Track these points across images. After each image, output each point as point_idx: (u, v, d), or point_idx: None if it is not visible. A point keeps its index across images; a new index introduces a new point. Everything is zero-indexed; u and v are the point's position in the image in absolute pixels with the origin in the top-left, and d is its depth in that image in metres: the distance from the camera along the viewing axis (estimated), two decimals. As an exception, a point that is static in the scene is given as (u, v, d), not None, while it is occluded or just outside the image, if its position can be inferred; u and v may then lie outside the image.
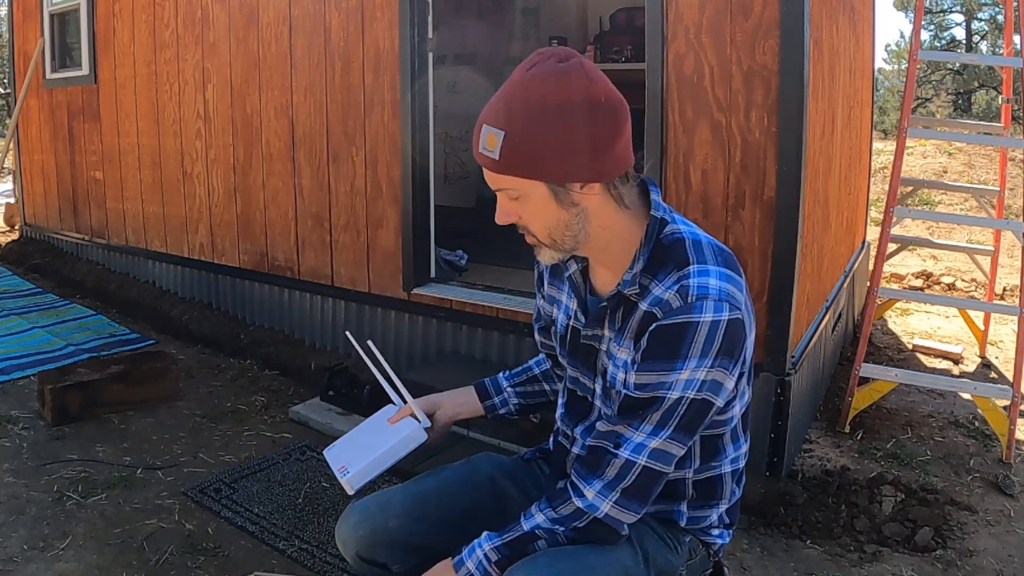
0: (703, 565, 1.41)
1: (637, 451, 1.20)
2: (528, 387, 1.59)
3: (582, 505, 1.22)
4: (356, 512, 1.42)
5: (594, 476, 1.22)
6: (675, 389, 1.18)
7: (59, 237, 6.03)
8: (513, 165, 1.16)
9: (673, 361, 1.16)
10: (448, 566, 1.27)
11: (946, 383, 3.41)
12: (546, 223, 1.22)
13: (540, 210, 1.20)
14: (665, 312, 1.18)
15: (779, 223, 2.60)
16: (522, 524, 1.26)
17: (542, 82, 1.15)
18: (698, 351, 1.16)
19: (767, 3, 2.53)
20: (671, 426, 1.19)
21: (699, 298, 1.16)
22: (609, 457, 1.21)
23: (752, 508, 2.55)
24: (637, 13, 4.93)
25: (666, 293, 1.19)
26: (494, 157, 1.16)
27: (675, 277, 1.20)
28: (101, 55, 5.15)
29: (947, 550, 2.40)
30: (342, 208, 3.77)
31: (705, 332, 1.16)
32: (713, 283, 1.18)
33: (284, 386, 3.71)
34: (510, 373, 1.61)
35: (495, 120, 1.16)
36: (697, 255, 1.21)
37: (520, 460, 1.57)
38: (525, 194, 1.19)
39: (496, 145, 1.15)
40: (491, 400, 1.57)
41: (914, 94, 3.67)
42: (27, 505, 2.54)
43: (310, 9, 3.75)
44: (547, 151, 1.15)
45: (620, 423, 1.22)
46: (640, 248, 1.24)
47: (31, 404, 3.34)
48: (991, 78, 17.43)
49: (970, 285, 5.79)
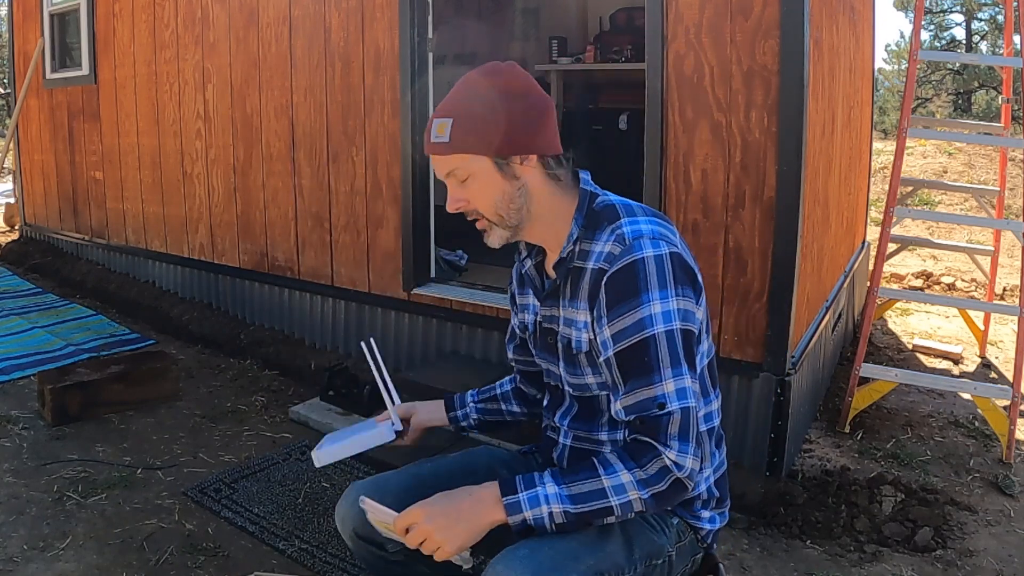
0: (692, 550, 1.41)
1: (683, 397, 1.23)
2: (488, 404, 1.69)
3: (669, 463, 1.20)
4: (355, 491, 1.47)
5: (664, 438, 1.21)
6: (656, 324, 1.23)
7: (59, 237, 6.03)
8: (462, 144, 1.31)
9: (636, 298, 1.24)
10: (495, 500, 1.23)
11: (946, 383, 3.41)
12: (493, 198, 1.34)
13: (487, 186, 1.33)
14: (611, 262, 1.28)
15: (779, 223, 2.60)
16: (603, 480, 1.21)
17: (481, 77, 1.34)
18: (655, 282, 1.25)
19: (767, 3, 2.53)
20: (681, 361, 1.24)
21: (635, 238, 1.28)
22: (665, 418, 1.22)
23: (752, 508, 2.55)
24: (637, 13, 4.94)
25: (606, 246, 1.31)
26: (444, 140, 1.31)
27: (608, 231, 1.32)
28: (101, 55, 5.15)
29: (947, 550, 2.40)
30: (342, 208, 3.77)
31: (653, 265, 1.25)
32: (645, 227, 1.30)
33: (284, 386, 3.71)
34: (479, 390, 1.72)
35: (443, 112, 1.33)
36: (627, 212, 1.35)
37: (517, 453, 1.64)
38: (473, 172, 1.32)
39: (445, 130, 1.31)
40: (454, 412, 1.68)
41: (914, 94, 3.66)
42: (27, 505, 2.54)
43: (310, 9, 3.75)
44: (489, 128, 1.30)
45: (640, 385, 1.24)
46: (574, 217, 1.37)
47: (31, 404, 3.34)
48: (991, 78, 17.43)
49: (970, 285, 5.79)
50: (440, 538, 1.21)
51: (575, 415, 1.45)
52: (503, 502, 1.22)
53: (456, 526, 1.21)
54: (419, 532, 1.22)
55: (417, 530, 1.23)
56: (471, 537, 1.22)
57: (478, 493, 1.25)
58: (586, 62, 5.30)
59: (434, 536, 1.21)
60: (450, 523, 1.21)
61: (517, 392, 1.68)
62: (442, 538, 1.21)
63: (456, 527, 1.21)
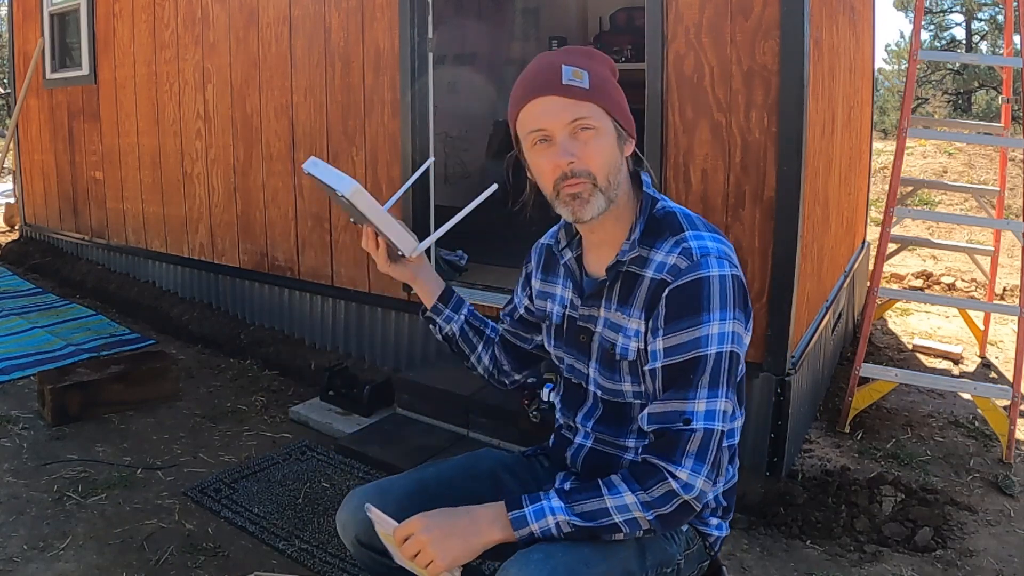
0: (700, 557, 1.41)
1: (710, 419, 1.22)
2: (472, 333, 1.62)
3: (677, 487, 1.20)
4: (356, 497, 1.44)
5: (679, 455, 1.21)
6: (711, 344, 1.23)
7: (59, 237, 6.03)
8: (600, 95, 1.27)
9: (697, 316, 1.23)
10: (501, 515, 1.23)
11: (946, 383, 3.41)
12: (609, 160, 1.28)
13: (608, 146, 1.28)
14: (675, 275, 1.26)
15: (779, 223, 2.60)
16: (606, 500, 1.21)
17: (598, 53, 1.33)
18: (717, 303, 1.23)
19: (767, 3, 2.53)
20: (722, 383, 1.23)
21: (702, 255, 1.25)
22: (687, 434, 1.21)
23: (752, 508, 2.55)
24: (637, 13, 4.94)
25: (669, 257, 1.28)
26: (583, 86, 1.26)
27: (672, 242, 1.29)
28: (101, 55, 5.15)
29: (947, 550, 2.40)
30: (342, 208, 3.76)
31: (718, 285, 1.24)
32: (710, 244, 1.28)
33: (284, 386, 3.71)
34: (474, 312, 1.65)
35: (576, 63, 1.28)
36: (689, 225, 1.32)
37: (521, 456, 1.60)
38: (599, 126, 1.27)
39: (584, 77, 1.26)
40: (445, 309, 1.60)
41: (914, 94, 3.66)
42: (27, 505, 2.54)
43: (310, 9, 3.75)
44: (618, 94, 1.31)
45: (674, 397, 1.23)
46: (636, 219, 1.34)
47: (31, 404, 3.34)
48: (991, 78, 17.43)
49: (970, 285, 5.79)
50: (433, 551, 1.21)
51: (600, 418, 1.42)
52: (509, 516, 1.22)
53: (451, 540, 1.21)
54: (415, 543, 1.22)
55: (413, 540, 1.23)
56: (465, 554, 1.22)
57: (478, 512, 1.25)
58: (586, 62, 5.29)
59: (428, 548, 1.21)
60: (446, 537, 1.22)
61: (497, 348, 1.64)
62: (435, 551, 1.21)
63: (451, 542, 1.21)
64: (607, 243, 1.37)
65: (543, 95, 1.27)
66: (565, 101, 1.26)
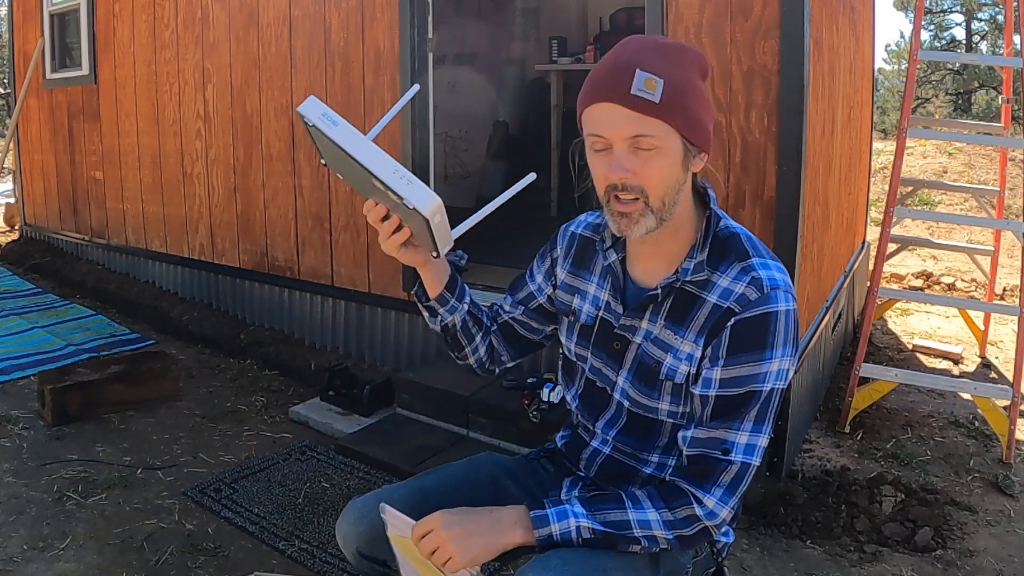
0: (707, 563, 1.41)
1: (750, 453, 1.21)
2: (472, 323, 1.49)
3: (701, 513, 1.20)
4: (357, 508, 1.42)
5: (711, 483, 1.20)
6: (768, 381, 1.20)
7: (59, 237, 6.03)
8: (671, 111, 1.15)
9: (762, 352, 1.19)
10: (523, 516, 1.22)
11: (946, 383, 3.41)
12: (667, 182, 1.20)
13: (668, 167, 1.19)
14: (744, 305, 1.21)
15: (779, 223, 2.60)
16: (629, 513, 1.22)
17: (685, 51, 1.20)
18: (781, 340, 1.20)
19: (767, 3, 2.53)
20: (768, 420, 1.22)
21: (773, 289, 1.21)
22: (723, 464, 1.20)
23: (752, 508, 2.55)
24: (637, 13, 4.94)
25: (737, 285, 1.22)
26: (654, 99, 1.14)
27: (739, 268, 1.23)
28: (101, 55, 5.15)
29: (947, 550, 2.40)
30: (342, 208, 3.77)
31: (783, 321, 1.20)
32: (778, 275, 1.23)
33: (284, 386, 3.71)
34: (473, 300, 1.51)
35: (653, 68, 1.15)
36: (754, 250, 1.26)
37: (523, 460, 1.57)
38: (663, 146, 1.17)
39: (657, 88, 1.14)
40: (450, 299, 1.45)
41: (914, 94, 3.66)
42: (27, 505, 2.54)
43: (310, 9, 3.75)
44: (700, 108, 1.19)
45: (720, 426, 1.21)
46: (700, 238, 1.27)
47: (31, 404, 3.34)
48: (991, 78, 17.43)
49: (970, 285, 5.79)
50: (453, 548, 1.19)
51: (623, 428, 1.38)
52: (531, 515, 1.22)
53: (472, 539, 1.20)
54: (434, 538, 1.21)
55: (433, 536, 1.21)
56: (484, 553, 1.21)
57: (501, 512, 1.24)
58: (586, 62, 5.29)
59: (448, 545, 1.19)
60: (467, 535, 1.20)
61: (495, 337, 1.54)
62: (455, 548, 1.19)
63: (472, 540, 1.20)
64: (659, 255, 1.30)
65: (608, 101, 1.17)
66: (629, 114, 1.15)
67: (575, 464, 1.46)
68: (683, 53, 1.19)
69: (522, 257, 1.62)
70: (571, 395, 1.48)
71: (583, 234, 1.45)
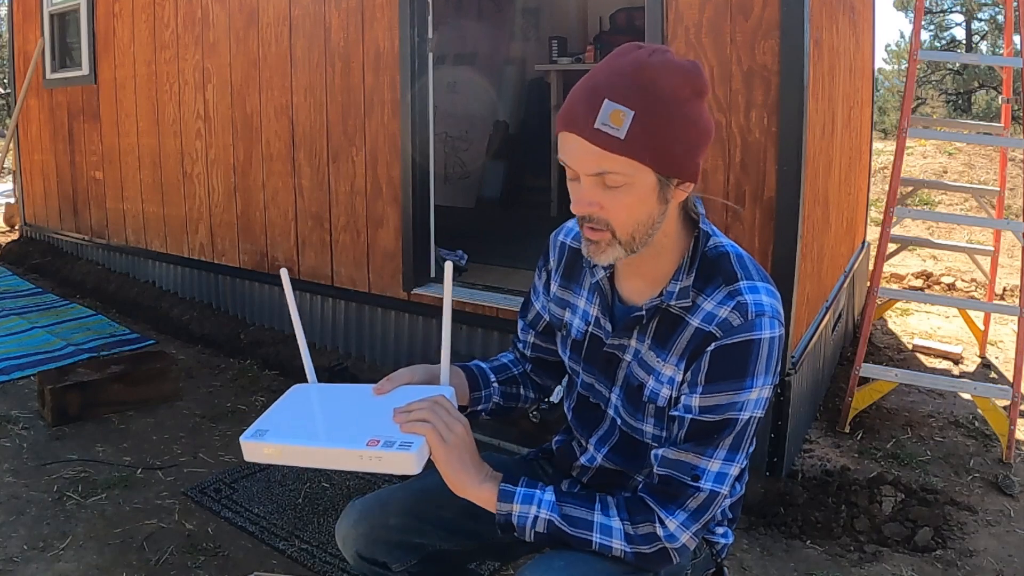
0: (706, 564, 1.41)
1: (719, 481, 1.18)
2: (509, 388, 1.51)
3: (662, 534, 1.18)
4: (356, 510, 1.41)
5: (675, 507, 1.18)
6: (746, 410, 1.17)
7: (59, 237, 6.03)
8: (637, 148, 1.08)
9: (742, 380, 1.15)
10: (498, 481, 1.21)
11: (946, 383, 3.41)
12: (637, 218, 1.14)
13: (638, 202, 1.13)
14: (726, 331, 1.16)
15: (779, 223, 2.60)
16: (596, 515, 1.20)
17: (669, 71, 1.09)
18: (763, 368, 1.16)
19: (767, 3, 2.53)
20: (743, 448, 1.19)
21: (758, 315, 1.16)
22: (691, 490, 1.18)
23: (752, 508, 2.55)
24: (637, 13, 4.94)
25: (721, 310, 1.17)
26: (619, 136, 1.07)
27: (725, 292, 1.18)
28: (101, 55, 5.15)
29: (947, 550, 2.40)
30: (342, 208, 3.77)
31: (766, 349, 1.16)
32: (765, 300, 1.18)
33: (284, 386, 3.65)
34: (490, 366, 1.51)
35: (623, 98, 1.07)
36: (743, 271, 1.21)
37: (523, 460, 1.57)
38: (631, 183, 1.11)
39: (624, 123, 1.06)
40: (479, 392, 1.46)
41: (914, 94, 3.66)
42: (27, 505, 2.54)
43: (310, 9, 3.75)
44: (676, 140, 1.10)
45: (692, 451, 1.18)
46: (686, 260, 1.22)
47: (31, 404, 3.34)
48: (991, 78, 17.43)
49: (970, 285, 5.79)
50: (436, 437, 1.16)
51: (615, 446, 1.36)
52: (500, 487, 1.20)
53: (459, 452, 1.18)
54: (431, 418, 1.18)
55: (432, 418, 1.18)
56: (450, 470, 1.18)
57: (485, 466, 1.23)
58: (586, 62, 5.30)
59: (433, 433, 1.17)
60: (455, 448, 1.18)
61: (533, 375, 1.54)
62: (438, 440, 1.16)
63: (455, 453, 1.18)
64: (643, 276, 1.27)
65: (573, 132, 1.11)
66: (593, 150, 1.09)
67: (567, 473, 1.47)
68: (666, 76, 1.09)
69: (522, 257, 1.63)
70: (567, 406, 1.48)
71: (572, 245, 1.42)
